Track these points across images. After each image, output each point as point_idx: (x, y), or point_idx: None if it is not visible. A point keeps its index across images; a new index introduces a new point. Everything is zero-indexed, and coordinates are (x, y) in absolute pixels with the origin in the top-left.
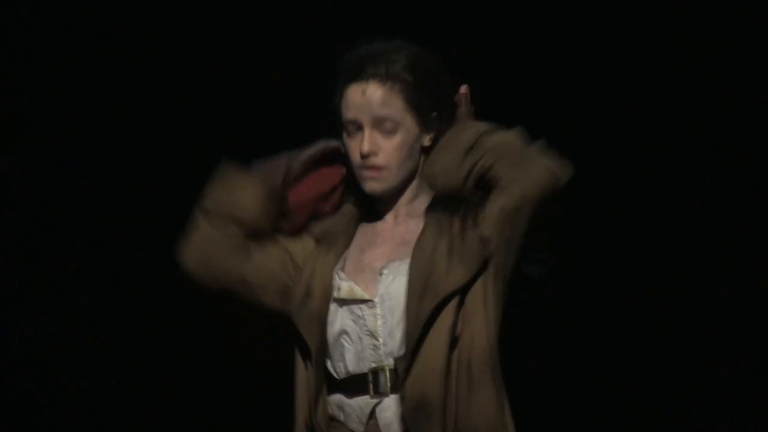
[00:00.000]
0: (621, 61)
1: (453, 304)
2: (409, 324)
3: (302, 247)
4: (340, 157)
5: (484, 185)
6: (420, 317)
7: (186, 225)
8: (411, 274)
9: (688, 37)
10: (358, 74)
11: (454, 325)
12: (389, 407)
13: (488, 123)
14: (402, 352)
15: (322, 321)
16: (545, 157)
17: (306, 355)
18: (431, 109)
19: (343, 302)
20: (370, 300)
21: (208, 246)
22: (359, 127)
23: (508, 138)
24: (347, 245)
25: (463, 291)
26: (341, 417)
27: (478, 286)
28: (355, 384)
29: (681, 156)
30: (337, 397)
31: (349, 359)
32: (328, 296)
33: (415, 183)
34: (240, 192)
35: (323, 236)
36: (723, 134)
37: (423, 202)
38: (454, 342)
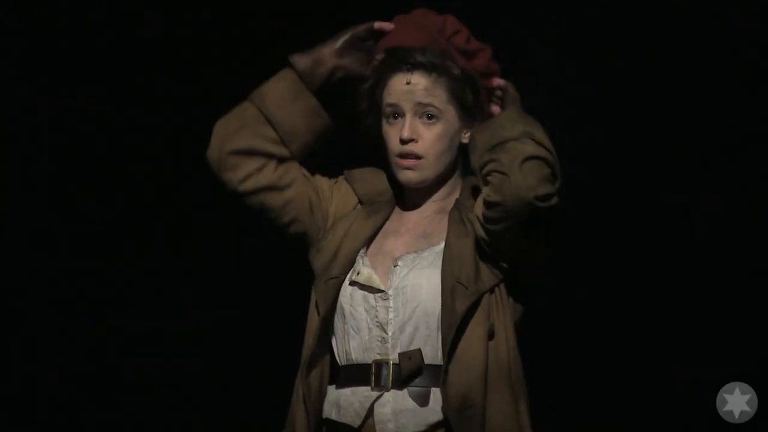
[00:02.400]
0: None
1: (485, 303)
2: (444, 323)
3: (343, 201)
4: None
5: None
6: (455, 316)
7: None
8: (443, 276)
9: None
10: (404, 63)
11: (489, 325)
12: (388, 403)
13: (530, 122)
14: (412, 345)
15: (336, 288)
16: (521, 176)
17: (310, 322)
18: (473, 104)
19: (360, 287)
20: (385, 291)
21: (225, 127)
22: (400, 114)
23: (527, 150)
24: (383, 223)
25: (491, 291)
26: (333, 415)
27: (501, 288)
28: (357, 373)
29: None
30: (334, 395)
31: (353, 347)
32: (348, 267)
33: (451, 181)
34: (266, 83)
35: (368, 201)
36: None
37: (452, 201)
38: (489, 342)
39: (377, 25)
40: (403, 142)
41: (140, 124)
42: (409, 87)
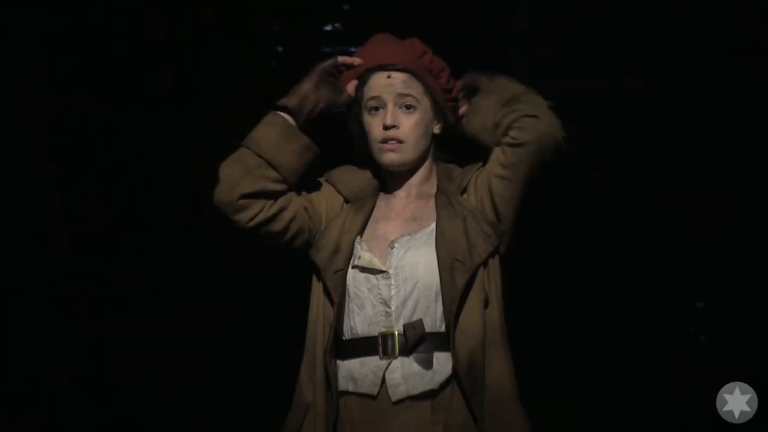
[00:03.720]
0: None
1: (480, 275)
2: (446, 297)
3: (330, 203)
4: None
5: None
6: (456, 290)
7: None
8: (438, 255)
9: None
10: (383, 66)
11: (484, 294)
12: (397, 369)
13: (519, 84)
14: (415, 316)
15: (343, 276)
16: (552, 117)
17: (322, 314)
18: (444, 99)
19: (361, 269)
20: (386, 271)
21: (228, 175)
22: (381, 106)
23: (542, 100)
24: (371, 212)
25: (484, 265)
26: (351, 387)
27: (490, 261)
28: (364, 346)
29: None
30: (346, 369)
31: (358, 323)
32: (350, 256)
33: (426, 165)
34: (258, 127)
35: (354, 199)
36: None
37: (432, 185)
38: (485, 309)
39: (341, 59)
40: (386, 128)
41: (139, 124)
42: (390, 80)
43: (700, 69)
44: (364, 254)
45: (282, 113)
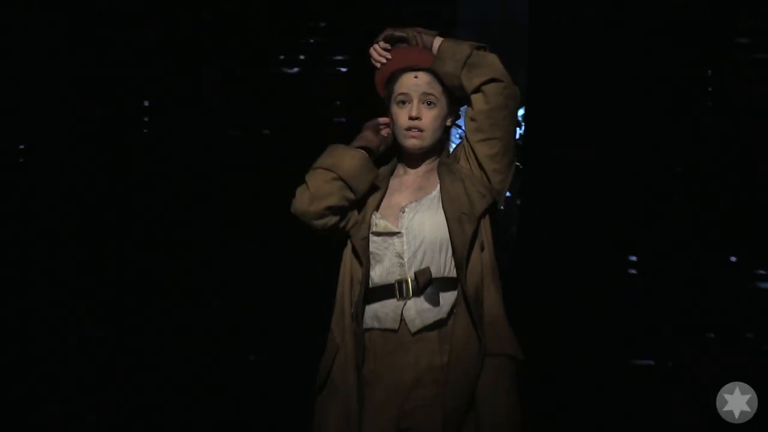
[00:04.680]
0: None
1: (480, 226)
2: (458, 244)
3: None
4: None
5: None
6: (466, 237)
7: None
8: (446, 209)
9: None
10: (413, 68)
11: (482, 241)
12: (412, 307)
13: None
14: (422, 265)
15: (367, 242)
16: (506, 74)
17: (350, 272)
18: (457, 100)
19: (378, 234)
20: (399, 232)
21: (319, 193)
22: (408, 101)
23: (488, 54)
24: (386, 189)
25: (482, 217)
26: (376, 324)
27: (486, 215)
28: (384, 292)
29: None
30: (371, 311)
31: (378, 274)
32: (368, 228)
33: (437, 149)
34: (344, 157)
35: (373, 187)
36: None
37: (435, 168)
38: (482, 252)
39: (382, 120)
40: (411, 119)
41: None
42: (417, 80)
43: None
44: (378, 222)
45: (363, 150)
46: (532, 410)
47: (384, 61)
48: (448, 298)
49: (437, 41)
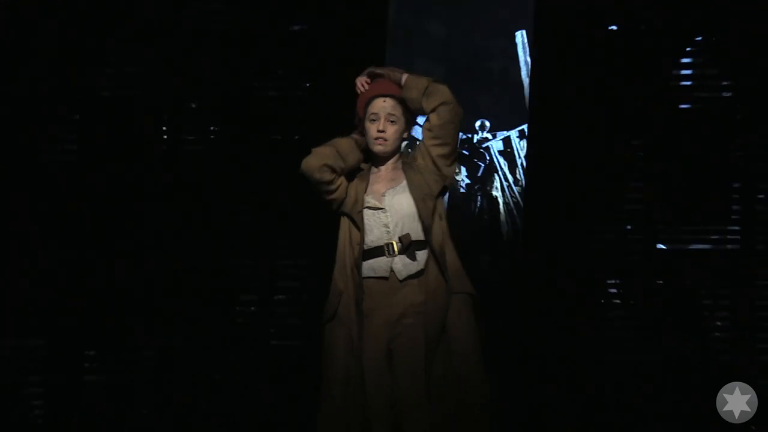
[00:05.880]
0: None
1: (436, 203)
2: (424, 216)
3: (351, 183)
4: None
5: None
6: (429, 211)
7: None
8: (413, 194)
9: None
10: (382, 94)
11: (438, 214)
12: (398, 262)
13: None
14: (404, 232)
15: (362, 214)
16: (453, 97)
17: (349, 237)
18: (411, 120)
19: (369, 209)
20: (383, 208)
21: (322, 157)
22: (377, 119)
23: (440, 85)
24: (368, 180)
25: (437, 197)
26: (372, 274)
27: (440, 195)
28: (377, 251)
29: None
30: (367, 264)
31: (370, 239)
32: (362, 204)
33: (397, 154)
34: (341, 142)
35: (358, 176)
36: None
37: (399, 163)
38: (441, 221)
39: (357, 137)
40: (379, 131)
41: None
42: (384, 104)
43: None
44: (369, 199)
45: (355, 137)
46: (531, 408)
47: (364, 90)
48: (422, 254)
49: (404, 76)
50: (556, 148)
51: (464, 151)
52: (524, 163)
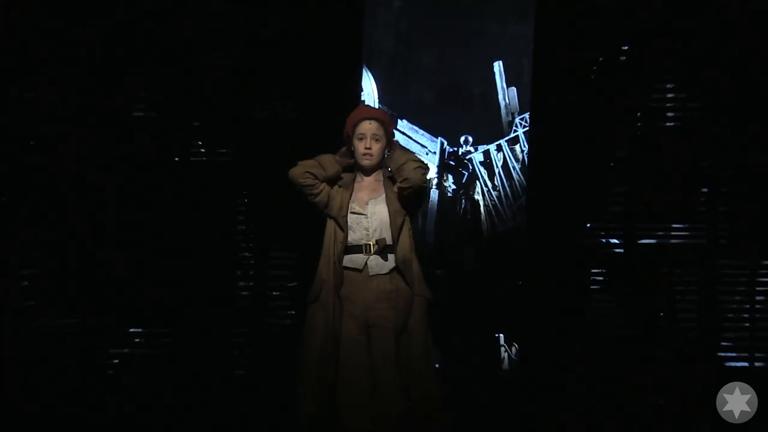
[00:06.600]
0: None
1: (405, 219)
2: (394, 225)
3: (336, 189)
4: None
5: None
6: (398, 223)
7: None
8: (389, 208)
9: None
10: (368, 117)
11: (407, 228)
12: (373, 259)
13: (409, 153)
14: (381, 236)
15: (346, 220)
16: (420, 175)
17: (333, 236)
18: (390, 140)
19: (353, 214)
20: (365, 214)
21: (305, 167)
22: (364, 138)
23: (413, 163)
24: (353, 189)
25: (405, 216)
26: (350, 265)
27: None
28: (357, 249)
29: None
30: (348, 257)
31: (353, 239)
32: (347, 209)
33: (379, 168)
34: (324, 157)
35: (343, 185)
36: None
37: (381, 177)
38: (407, 233)
39: (340, 157)
40: (366, 148)
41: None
42: (370, 125)
43: None
44: (354, 205)
45: (336, 156)
46: (532, 407)
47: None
48: (392, 258)
49: (395, 146)
50: (555, 150)
51: (451, 162)
52: (501, 172)
